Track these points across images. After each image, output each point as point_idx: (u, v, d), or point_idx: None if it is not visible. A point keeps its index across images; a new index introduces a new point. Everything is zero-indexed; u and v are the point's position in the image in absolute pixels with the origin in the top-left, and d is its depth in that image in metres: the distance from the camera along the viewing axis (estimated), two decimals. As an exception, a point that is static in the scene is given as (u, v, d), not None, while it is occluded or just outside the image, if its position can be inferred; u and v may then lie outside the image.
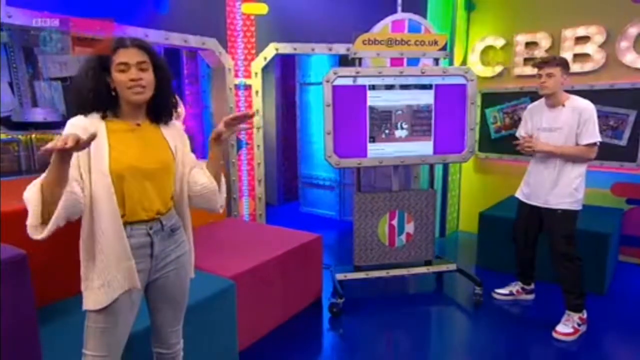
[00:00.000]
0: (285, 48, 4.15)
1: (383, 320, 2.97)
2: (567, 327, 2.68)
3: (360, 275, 3.23)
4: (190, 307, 2.09)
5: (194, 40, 3.77)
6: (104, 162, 1.38)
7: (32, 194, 1.26)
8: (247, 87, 4.20)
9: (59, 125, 3.94)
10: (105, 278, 1.39)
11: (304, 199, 5.83)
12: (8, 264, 1.45)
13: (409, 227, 3.29)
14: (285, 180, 6.32)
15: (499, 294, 3.20)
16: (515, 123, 4.14)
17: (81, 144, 1.14)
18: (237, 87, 4.16)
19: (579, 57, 3.86)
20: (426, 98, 3.08)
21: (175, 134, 1.62)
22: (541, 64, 2.67)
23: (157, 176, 1.51)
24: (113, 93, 1.44)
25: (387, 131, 3.06)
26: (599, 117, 2.66)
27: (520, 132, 2.99)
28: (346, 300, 3.04)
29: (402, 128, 3.08)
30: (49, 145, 1.10)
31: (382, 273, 3.25)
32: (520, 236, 3.00)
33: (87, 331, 1.44)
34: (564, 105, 2.66)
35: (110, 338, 1.44)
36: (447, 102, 3.10)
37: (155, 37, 3.51)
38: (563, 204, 2.67)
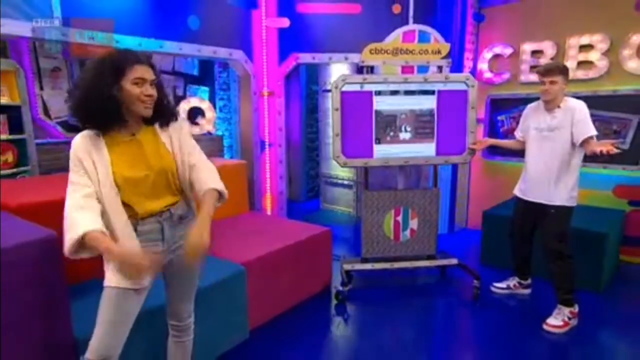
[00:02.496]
0: (305, 57, 4.22)
1: (386, 308, 2.99)
2: (557, 320, 2.62)
3: (367, 266, 3.26)
4: (205, 289, 2.19)
5: (222, 52, 3.90)
6: (109, 175, 1.45)
7: (71, 240, 1.35)
8: (270, 93, 4.30)
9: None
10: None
11: (325, 196, 5.88)
12: (40, 242, 1.58)
13: (413, 223, 3.28)
14: (309, 179, 6.40)
15: (497, 287, 3.15)
16: (522, 127, 4.05)
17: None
18: (261, 92, 4.27)
19: (583, 64, 3.73)
20: (429, 103, 3.06)
21: (171, 131, 1.60)
22: (544, 72, 2.60)
23: (152, 181, 1.52)
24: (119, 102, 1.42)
25: (391, 133, 3.07)
26: (602, 121, 2.57)
27: (518, 132, 2.94)
28: (355, 290, 3.09)
29: (406, 131, 3.08)
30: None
31: (386, 265, 3.25)
32: (517, 232, 2.94)
33: (102, 302, 1.49)
34: (559, 107, 2.60)
35: (121, 309, 1.49)
36: (448, 107, 3.08)
37: (189, 49, 3.66)
38: (558, 200, 2.61)
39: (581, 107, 2.54)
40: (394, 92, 3.04)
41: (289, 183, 6.42)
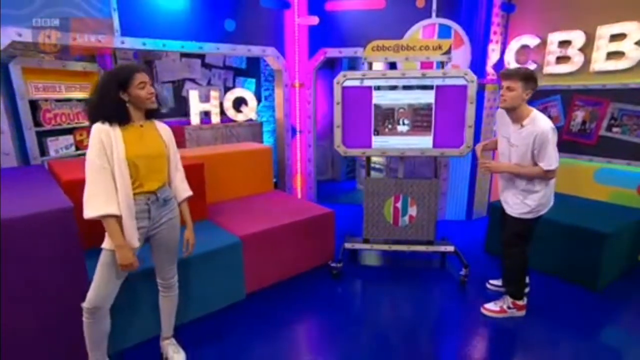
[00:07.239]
0: (332, 52, 4.22)
1: (376, 286, 3.02)
2: (495, 306, 2.57)
3: (366, 246, 3.30)
4: (205, 254, 2.44)
5: (256, 50, 4.06)
6: (122, 153, 1.70)
7: (92, 215, 1.65)
8: (301, 85, 4.39)
9: (167, 115, 4.62)
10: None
11: (360, 178, 5.90)
12: (57, 211, 1.88)
13: (412, 210, 3.22)
14: (348, 162, 6.44)
15: (493, 285, 2.95)
16: (546, 119, 3.66)
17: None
18: (293, 84, 4.39)
19: (613, 55, 3.24)
20: (427, 97, 2.94)
21: (166, 133, 1.94)
22: (502, 75, 2.24)
23: (155, 161, 1.82)
24: (127, 104, 1.74)
25: (390, 126, 3.02)
26: (631, 116, 2.25)
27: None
28: (356, 267, 3.16)
29: (403, 124, 3.00)
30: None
31: (384, 246, 3.26)
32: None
33: (99, 265, 1.76)
34: (522, 126, 2.25)
35: (113, 271, 1.76)
36: (447, 101, 2.92)
37: (225, 49, 3.88)
38: (514, 212, 2.42)
39: (545, 131, 2.15)
40: (393, 87, 2.97)
41: (331, 165, 6.52)
